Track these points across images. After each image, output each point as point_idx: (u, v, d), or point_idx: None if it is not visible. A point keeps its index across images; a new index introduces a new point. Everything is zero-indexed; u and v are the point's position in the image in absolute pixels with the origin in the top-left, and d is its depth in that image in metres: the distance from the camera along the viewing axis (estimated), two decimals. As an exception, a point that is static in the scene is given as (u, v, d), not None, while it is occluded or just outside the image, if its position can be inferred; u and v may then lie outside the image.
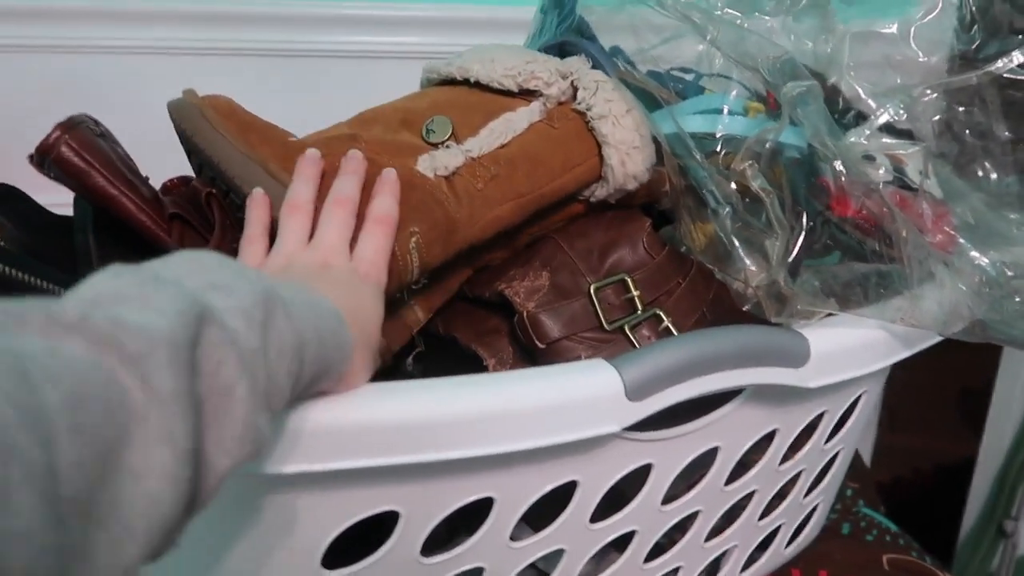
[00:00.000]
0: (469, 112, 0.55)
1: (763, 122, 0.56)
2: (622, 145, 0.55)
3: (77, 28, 0.95)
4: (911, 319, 0.50)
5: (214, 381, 0.29)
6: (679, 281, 0.57)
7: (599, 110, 0.56)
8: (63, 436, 0.22)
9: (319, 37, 0.99)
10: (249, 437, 0.30)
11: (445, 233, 0.51)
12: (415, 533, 0.45)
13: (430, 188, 0.51)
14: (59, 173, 0.50)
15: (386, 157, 0.52)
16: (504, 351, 0.56)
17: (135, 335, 0.26)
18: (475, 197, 0.52)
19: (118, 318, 0.26)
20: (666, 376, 0.44)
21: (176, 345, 0.27)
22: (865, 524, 0.76)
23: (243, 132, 0.51)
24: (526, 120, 0.56)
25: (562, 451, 0.44)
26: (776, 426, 0.55)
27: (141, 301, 0.28)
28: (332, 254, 0.44)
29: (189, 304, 0.28)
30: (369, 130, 0.54)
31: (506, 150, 0.54)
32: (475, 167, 0.53)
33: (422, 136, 0.54)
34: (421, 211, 0.50)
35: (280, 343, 0.33)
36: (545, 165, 0.55)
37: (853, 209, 0.50)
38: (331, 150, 0.51)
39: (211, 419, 0.29)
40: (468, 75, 0.57)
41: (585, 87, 0.56)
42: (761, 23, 0.65)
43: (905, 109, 0.60)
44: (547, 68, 0.57)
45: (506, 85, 0.56)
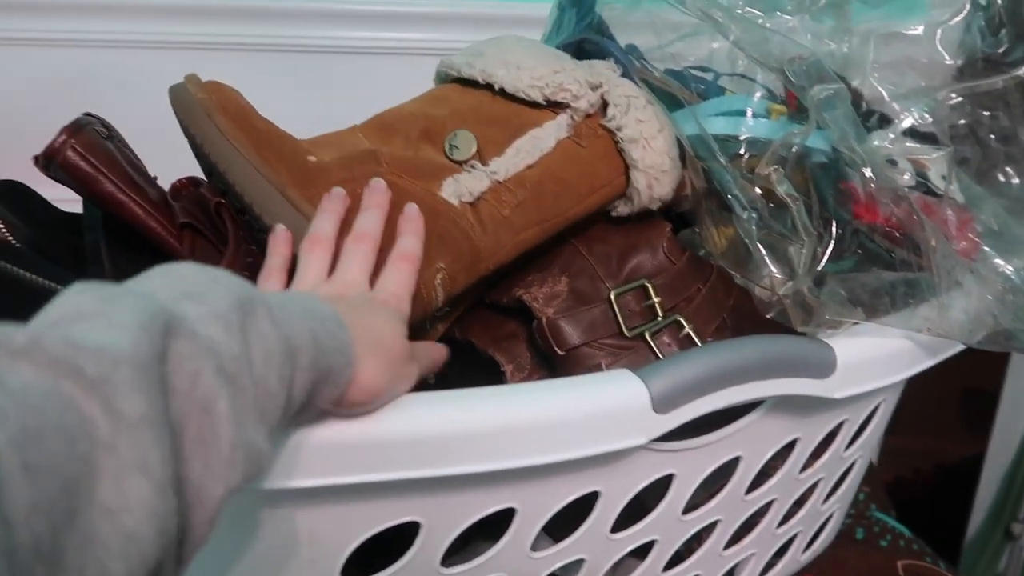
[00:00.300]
0: (493, 126, 0.53)
1: (786, 125, 0.55)
2: (651, 169, 0.54)
3: (81, 22, 0.94)
4: (938, 328, 0.49)
5: (190, 398, 0.26)
6: (699, 287, 0.56)
7: (630, 132, 0.53)
8: (14, 478, 0.20)
9: (326, 32, 0.97)
10: (240, 457, 0.28)
11: (470, 264, 0.50)
12: (436, 544, 0.44)
13: (455, 217, 0.50)
14: (65, 177, 0.49)
15: (409, 180, 0.50)
16: (522, 356, 0.55)
17: (93, 356, 0.23)
18: (500, 224, 0.51)
19: (73, 338, 0.24)
20: (693, 388, 0.44)
21: (141, 362, 0.24)
22: (879, 529, 0.75)
23: (257, 147, 0.48)
24: (553, 138, 0.53)
25: (586, 462, 0.43)
26: (797, 435, 0.54)
27: (100, 317, 0.25)
28: (351, 289, 0.43)
29: (151, 316, 0.26)
30: (389, 143, 0.52)
31: (532, 171, 0.52)
32: (500, 191, 0.51)
33: (444, 152, 0.52)
34: (447, 243, 0.49)
35: (265, 348, 0.30)
36: (572, 189, 0.53)
37: (881, 216, 0.49)
38: (352, 173, 0.49)
39: (193, 442, 0.26)
40: (491, 81, 0.54)
41: (616, 103, 0.54)
42: (781, 22, 0.65)
43: (929, 112, 0.59)
44: (576, 79, 0.54)
45: (532, 96, 0.53)
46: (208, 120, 0.48)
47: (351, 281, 0.43)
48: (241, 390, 0.28)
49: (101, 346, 0.24)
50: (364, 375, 0.36)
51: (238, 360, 0.29)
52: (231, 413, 0.27)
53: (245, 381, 0.29)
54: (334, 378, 0.35)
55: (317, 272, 0.43)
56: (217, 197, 0.51)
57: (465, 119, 0.53)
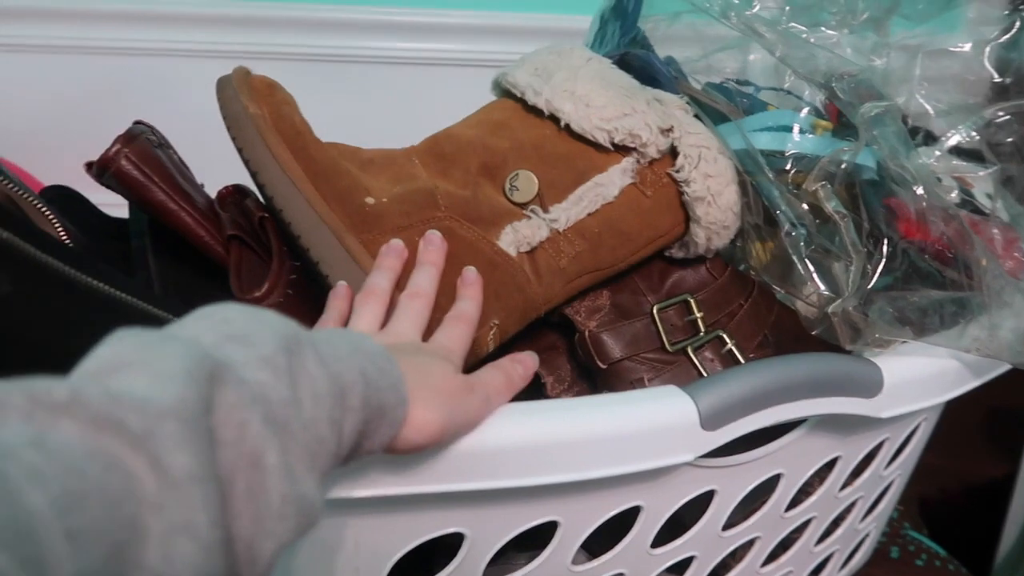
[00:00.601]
0: (556, 167, 0.51)
1: (831, 141, 0.55)
2: (712, 225, 0.52)
3: (129, 31, 0.95)
4: (987, 349, 0.49)
5: (239, 450, 0.25)
6: (741, 303, 0.56)
7: (697, 189, 0.51)
8: (57, 547, 0.19)
9: (365, 43, 0.98)
10: (291, 511, 0.27)
11: (522, 316, 0.50)
12: (479, 555, 0.44)
13: (512, 270, 0.49)
14: (118, 186, 0.49)
15: (467, 227, 0.49)
16: (562, 369, 0.55)
17: (137, 409, 0.22)
18: (556, 274, 0.50)
19: (115, 391, 0.23)
20: (742, 405, 0.43)
21: (186, 415, 0.23)
22: (914, 548, 0.74)
23: (315, 181, 0.47)
24: (617, 186, 0.51)
25: (630, 477, 0.43)
26: (839, 453, 0.54)
27: (142, 366, 0.24)
28: (403, 339, 0.42)
29: (196, 363, 0.25)
30: (447, 176, 0.50)
31: (593, 220, 0.51)
32: (559, 241, 0.50)
33: (504, 191, 0.51)
34: (502, 299, 0.48)
35: (314, 389, 0.29)
36: (631, 240, 0.52)
37: (932, 235, 0.48)
38: (411, 220, 0.48)
39: (242, 497, 0.25)
40: (557, 115, 0.51)
41: (686, 154, 0.51)
42: (824, 37, 0.64)
43: (976, 130, 0.58)
44: (646, 124, 0.50)
45: (599, 139, 0.50)
46: (262, 145, 0.47)
47: (403, 332, 0.42)
48: (291, 437, 0.27)
49: (145, 398, 0.23)
50: (418, 413, 0.35)
51: (287, 405, 0.28)
52: (281, 465, 0.26)
53: (295, 427, 0.28)
54: (387, 417, 0.33)
55: (370, 323, 0.42)
56: (261, 212, 0.52)
57: (527, 156, 0.51)
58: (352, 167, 0.49)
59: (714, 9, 0.57)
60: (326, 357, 0.31)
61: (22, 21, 0.95)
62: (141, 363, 0.24)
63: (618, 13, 0.65)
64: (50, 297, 0.34)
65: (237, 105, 0.48)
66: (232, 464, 0.25)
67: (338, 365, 0.31)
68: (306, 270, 0.49)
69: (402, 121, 0.60)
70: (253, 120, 0.47)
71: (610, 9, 0.67)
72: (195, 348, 0.26)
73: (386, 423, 0.33)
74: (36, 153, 0.86)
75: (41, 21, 0.95)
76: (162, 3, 0.95)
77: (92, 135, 0.55)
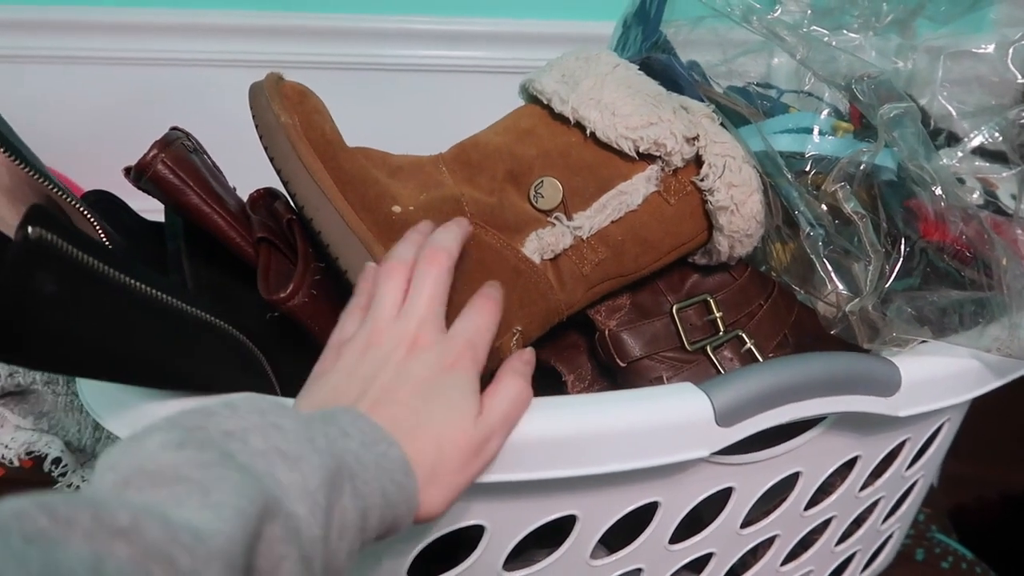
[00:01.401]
0: (581, 175, 0.51)
1: (852, 142, 0.55)
2: (735, 234, 0.52)
3: (163, 42, 0.99)
4: (1007, 349, 0.49)
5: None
6: (761, 303, 0.56)
7: (720, 199, 0.51)
8: None
9: (396, 51, 1.00)
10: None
11: (544, 322, 0.50)
12: (499, 547, 0.46)
13: (536, 278, 0.50)
14: (154, 189, 0.51)
15: (492, 233, 0.50)
16: (583, 367, 0.56)
17: (188, 547, 0.24)
18: (578, 280, 0.51)
19: (172, 522, 0.24)
20: (756, 402, 0.44)
21: (233, 557, 0.25)
22: (939, 551, 0.74)
23: (343, 188, 0.48)
24: (641, 194, 0.51)
25: (648, 473, 0.44)
26: (859, 452, 0.54)
27: (201, 491, 0.26)
28: (423, 329, 0.41)
29: (251, 499, 0.27)
30: (473, 183, 0.51)
31: (616, 228, 0.51)
32: (582, 248, 0.51)
33: (529, 198, 0.51)
34: (526, 306, 0.49)
35: (342, 525, 0.32)
36: (654, 248, 0.52)
37: (951, 235, 0.49)
38: (436, 220, 0.48)
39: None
40: (583, 123, 0.51)
41: (711, 163, 0.51)
42: (846, 40, 0.65)
43: (1000, 131, 0.58)
44: (672, 133, 0.50)
45: (624, 148, 0.50)
46: (293, 154, 0.48)
47: (423, 317, 0.41)
48: (311, 572, 0.30)
49: (197, 533, 0.25)
50: (426, 506, 0.37)
51: (315, 542, 0.30)
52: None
53: (316, 565, 0.30)
54: (395, 526, 0.36)
55: (391, 302, 0.42)
56: (289, 214, 0.53)
57: (553, 164, 0.52)
58: (381, 175, 0.51)
59: (736, 13, 0.58)
60: (359, 490, 0.33)
61: (62, 33, 0.98)
62: (197, 484, 0.27)
63: (641, 18, 0.65)
64: (90, 296, 0.36)
65: (269, 114, 0.49)
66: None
67: (366, 493, 0.33)
68: (331, 271, 0.51)
69: (429, 127, 0.61)
70: (284, 129, 0.49)
71: (633, 14, 0.68)
72: (251, 481, 0.28)
73: (394, 531, 0.36)
74: (77, 160, 0.90)
75: (80, 33, 0.98)
76: (196, 15, 0.98)
77: (131, 142, 0.57)
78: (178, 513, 0.25)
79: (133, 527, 0.23)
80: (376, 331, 0.41)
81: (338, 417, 0.35)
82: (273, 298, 0.48)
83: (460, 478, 0.38)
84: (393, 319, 0.41)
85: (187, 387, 0.41)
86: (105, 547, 0.23)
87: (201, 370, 0.42)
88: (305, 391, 0.40)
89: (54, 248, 0.33)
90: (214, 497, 0.26)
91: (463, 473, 0.38)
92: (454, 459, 0.38)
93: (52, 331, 0.34)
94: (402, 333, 0.40)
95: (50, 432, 0.72)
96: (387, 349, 0.40)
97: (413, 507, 0.36)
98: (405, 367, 0.39)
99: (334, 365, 0.40)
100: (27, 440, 0.71)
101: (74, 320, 0.35)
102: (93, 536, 0.23)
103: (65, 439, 0.72)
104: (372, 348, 0.40)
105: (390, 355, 0.40)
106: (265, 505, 0.27)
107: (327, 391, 0.39)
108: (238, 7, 0.98)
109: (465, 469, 0.38)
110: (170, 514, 0.25)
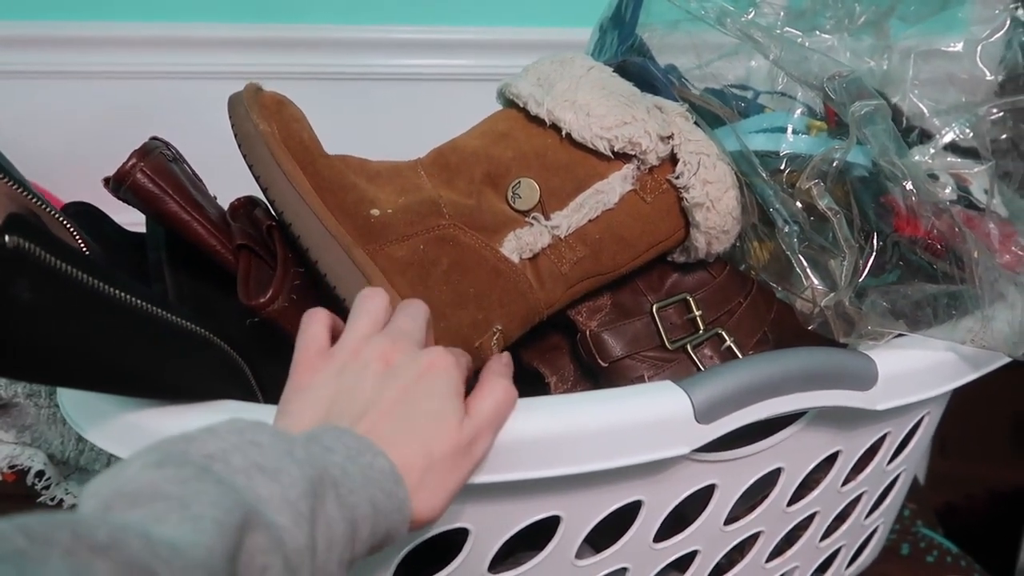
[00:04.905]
0: (558, 175, 0.52)
1: (826, 141, 0.56)
2: (712, 230, 0.53)
3: (140, 55, 0.99)
4: (981, 340, 0.50)
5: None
6: (740, 301, 0.57)
7: (696, 195, 0.52)
8: None
9: (377, 60, 1.01)
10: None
11: (524, 321, 0.51)
12: (484, 550, 0.46)
13: (515, 277, 0.50)
14: (134, 199, 0.51)
15: (471, 234, 0.50)
16: (565, 368, 0.57)
17: (168, 560, 0.24)
18: (557, 279, 0.51)
19: (152, 537, 0.24)
20: (735, 399, 0.44)
21: (214, 566, 0.25)
22: (925, 545, 0.74)
23: (321, 193, 0.48)
24: (618, 192, 0.52)
25: (629, 471, 0.44)
26: (839, 447, 0.55)
27: (180, 505, 0.26)
28: (401, 342, 0.40)
29: (228, 510, 0.27)
30: (451, 186, 0.52)
31: (594, 227, 0.52)
32: (560, 247, 0.51)
33: (507, 199, 0.52)
34: (505, 306, 0.49)
35: (330, 536, 0.32)
36: (631, 246, 0.53)
37: (923, 229, 0.49)
38: (415, 229, 0.49)
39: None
40: (559, 125, 0.52)
41: (686, 161, 0.51)
42: (820, 41, 0.65)
43: (970, 128, 0.59)
44: (646, 132, 0.51)
45: (599, 147, 0.51)
46: (272, 162, 0.49)
47: (408, 330, 0.41)
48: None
49: (176, 547, 0.25)
50: (421, 512, 0.37)
51: (301, 553, 0.30)
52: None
53: (304, 573, 0.30)
54: (390, 536, 0.36)
55: (376, 319, 0.42)
56: (269, 220, 0.53)
57: (529, 165, 0.52)
58: (359, 180, 0.51)
59: (710, 16, 0.58)
60: (344, 499, 0.33)
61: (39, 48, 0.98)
62: (177, 499, 0.27)
63: (616, 22, 0.66)
64: (69, 304, 0.36)
65: (248, 123, 0.50)
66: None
67: (354, 503, 0.33)
68: (310, 276, 0.51)
69: (413, 136, 0.61)
70: (263, 137, 0.49)
71: (609, 18, 0.68)
72: (230, 492, 0.28)
73: (388, 540, 0.36)
74: (59, 174, 0.90)
75: (57, 48, 0.98)
76: (177, 28, 0.98)
77: (111, 155, 0.57)
78: (158, 528, 0.26)
79: (112, 543, 0.23)
80: (357, 345, 0.40)
81: (320, 436, 0.35)
82: (253, 303, 0.48)
83: (451, 481, 0.38)
84: (371, 334, 0.41)
85: (169, 396, 0.42)
86: (84, 565, 0.23)
87: (182, 378, 0.42)
88: (284, 407, 0.40)
89: (32, 257, 0.33)
90: (193, 510, 0.26)
91: (454, 475, 0.38)
92: (443, 462, 0.38)
93: (31, 340, 0.34)
94: (383, 347, 0.40)
95: (33, 445, 0.71)
96: (367, 361, 0.39)
97: (406, 515, 0.36)
98: (386, 378, 0.39)
99: (312, 380, 0.40)
100: (9, 453, 0.71)
101: (53, 329, 0.35)
102: (72, 554, 0.23)
103: (48, 452, 0.71)
104: (352, 361, 0.40)
105: (369, 366, 0.39)
106: (245, 516, 0.28)
107: (306, 408, 0.39)
108: (218, 19, 0.98)
109: (456, 471, 0.38)
110: (150, 530, 0.25)
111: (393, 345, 0.40)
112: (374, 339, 0.40)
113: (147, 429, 0.41)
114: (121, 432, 0.41)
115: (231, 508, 0.27)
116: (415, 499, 0.36)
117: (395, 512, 0.35)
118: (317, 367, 0.40)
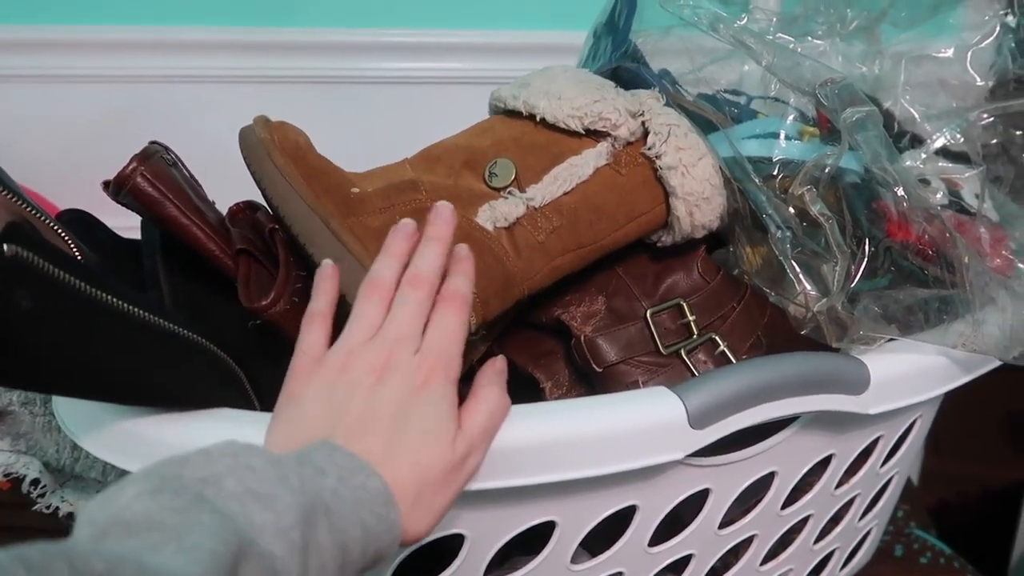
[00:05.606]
0: (533, 154, 0.54)
1: (818, 147, 0.57)
2: (690, 196, 0.54)
3: (134, 59, 0.98)
4: (973, 345, 0.50)
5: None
6: (733, 305, 0.57)
7: (669, 160, 0.53)
8: None
9: (375, 64, 1.01)
10: None
11: (502, 288, 0.51)
12: (480, 556, 0.46)
13: (489, 243, 0.51)
14: (134, 202, 0.51)
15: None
16: (560, 374, 0.57)
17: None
18: (534, 249, 0.52)
19: (147, 568, 0.25)
20: (728, 404, 0.45)
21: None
22: (918, 546, 0.75)
23: (308, 180, 0.50)
24: (591, 165, 0.53)
25: (624, 477, 0.45)
26: (833, 451, 0.55)
27: (172, 536, 0.27)
28: (396, 351, 0.40)
29: (223, 541, 0.27)
30: (432, 172, 0.54)
31: (569, 198, 0.53)
32: (536, 217, 0.52)
33: (484, 179, 0.53)
34: (481, 271, 0.49)
35: (321, 563, 0.32)
36: (608, 216, 0.54)
37: (914, 235, 0.50)
38: (391, 202, 0.51)
39: None
40: (534, 111, 0.55)
41: (656, 132, 0.53)
42: (812, 46, 0.66)
43: (961, 133, 0.60)
44: (615, 108, 0.54)
45: (571, 126, 0.54)
46: (267, 158, 0.51)
47: (399, 337, 0.40)
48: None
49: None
50: (412, 531, 0.37)
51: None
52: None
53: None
54: (380, 556, 0.36)
55: (368, 324, 0.41)
56: (271, 223, 0.54)
57: (506, 148, 0.54)
58: (347, 173, 0.53)
59: (703, 22, 0.59)
60: (336, 525, 0.33)
61: (35, 52, 0.98)
62: (172, 530, 0.27)
63: (610, 28, 0.66)
64: (67, 312, 0.36)
65: (252, 136, 0.53)
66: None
67: (345, 527, 0.33)
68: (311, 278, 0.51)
69: (407, 139, 0.61)
70: (263, 143, 0.52)
71: (603, 24, 0.69)
72: (223, 523, 0.28)
73: (380, 557, 0.36)
74: (54, 179, 0.90)
75: (53, 52, 0.98)
76: (173, 31, 0.98)
77: (106, 160, 0.57)
78: (153, 559, 0.26)
79: (109, 574, 0.24)
80: (349, 355, 0.40)
81: (313, 456, 0.35)
82: (255, 306, 0.49)
83: (443, 498, 0.38)
84: (367, 341, 0.40)
85: (163, 403, 0.42)
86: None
87: (179, 385, 0.42)
88: (278, 417, 0.40)
89: (30, 265, 0.33)
90: (188, 541, 0.27)
91: (446, 492, 0.38)
92: (435, 481, 0.38)
93: (29, 348, 0.35)
94: (375, 357, 0.39)
95: (28, 453, 0.71)
96: (359, 374, 0.39)
97: (397, 535, 0.36)
98: (377, 394, 0.38)
99: (305, 390, 0.40)
100: (5, 462, 0.71)
101: (51, 337, 0.35)
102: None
103: (43, 460, 0.71)
104: (345, 373, 0.39)
105: (362, 380, 0.39)
106: (239, 546, 0.28)
107: (301, 421, 0.39)
108: (211, 23, 0.98)
109: (448, 488, 0.38)
110: (145, 560, 0.25)
111: (388, 356, 0.40)
112: (367, 349, 0.40)
113: (141, 437, 0.41)
114: (116, 440, 0.41)
115: (226, 538, 0.28)
116: (407, 519, 0.37)
117: (385, 533, 0.35)
118: (312, 376, 0.40)
